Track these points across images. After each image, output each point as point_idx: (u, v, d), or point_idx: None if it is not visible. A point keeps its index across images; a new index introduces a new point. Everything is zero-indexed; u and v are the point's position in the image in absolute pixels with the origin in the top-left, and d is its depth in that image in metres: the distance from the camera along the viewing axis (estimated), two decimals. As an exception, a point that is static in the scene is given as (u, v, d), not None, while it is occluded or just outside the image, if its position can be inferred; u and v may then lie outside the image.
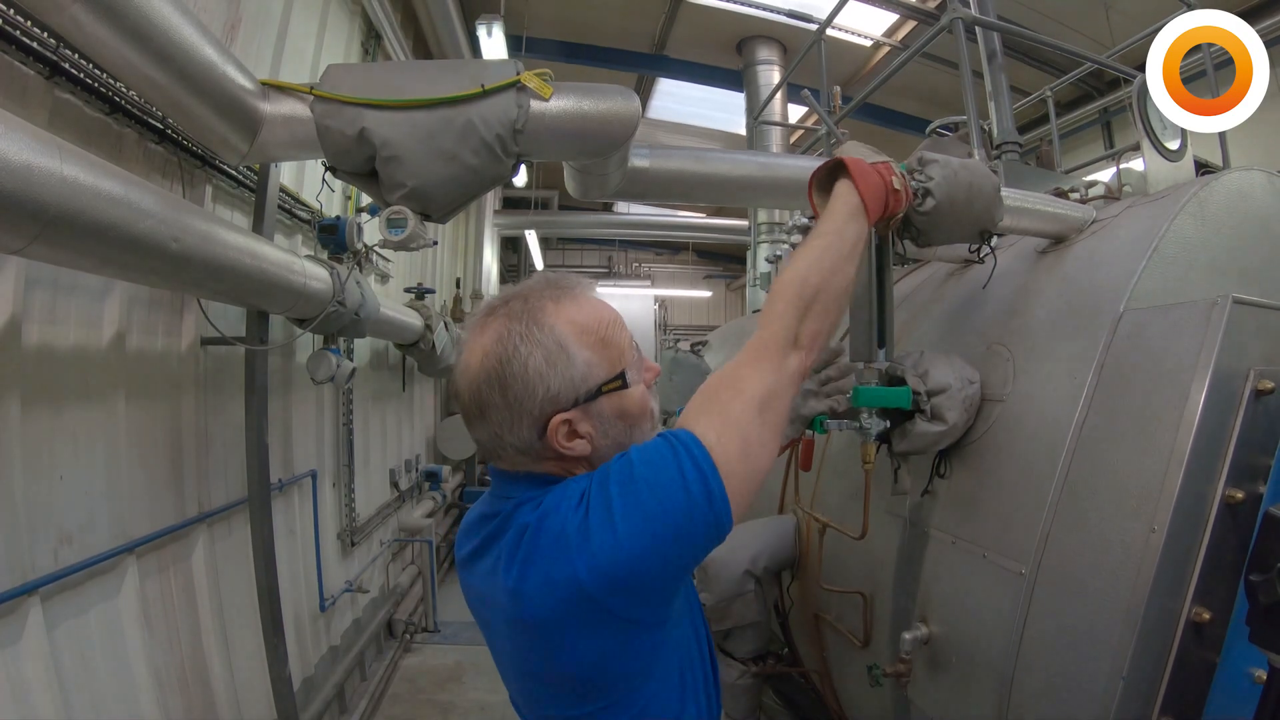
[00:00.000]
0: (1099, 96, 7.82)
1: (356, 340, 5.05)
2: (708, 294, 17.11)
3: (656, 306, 15.88)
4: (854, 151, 1.58)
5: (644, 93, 9.41)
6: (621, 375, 1.14)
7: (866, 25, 7.71)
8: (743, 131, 8.75)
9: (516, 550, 1.04)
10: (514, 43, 6.42)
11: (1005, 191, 1.91)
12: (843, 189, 1.40)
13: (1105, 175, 3.20)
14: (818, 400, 1.78)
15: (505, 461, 1.15)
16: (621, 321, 1.19)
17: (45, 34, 2.16)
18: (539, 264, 13.85)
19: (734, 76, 8.46)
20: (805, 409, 1.76)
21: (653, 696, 1.08)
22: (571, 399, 1.09)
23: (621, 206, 12.27)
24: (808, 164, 4.18)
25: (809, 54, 5.12)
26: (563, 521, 1.00)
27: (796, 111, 8.65)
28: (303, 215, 4.10)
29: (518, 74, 2.60)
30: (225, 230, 2.53)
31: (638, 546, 0.97)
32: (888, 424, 1.94)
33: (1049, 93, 4.94)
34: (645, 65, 8.73)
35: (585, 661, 1.03)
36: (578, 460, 1.13)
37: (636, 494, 0.99)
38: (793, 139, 8.88)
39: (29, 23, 2.11)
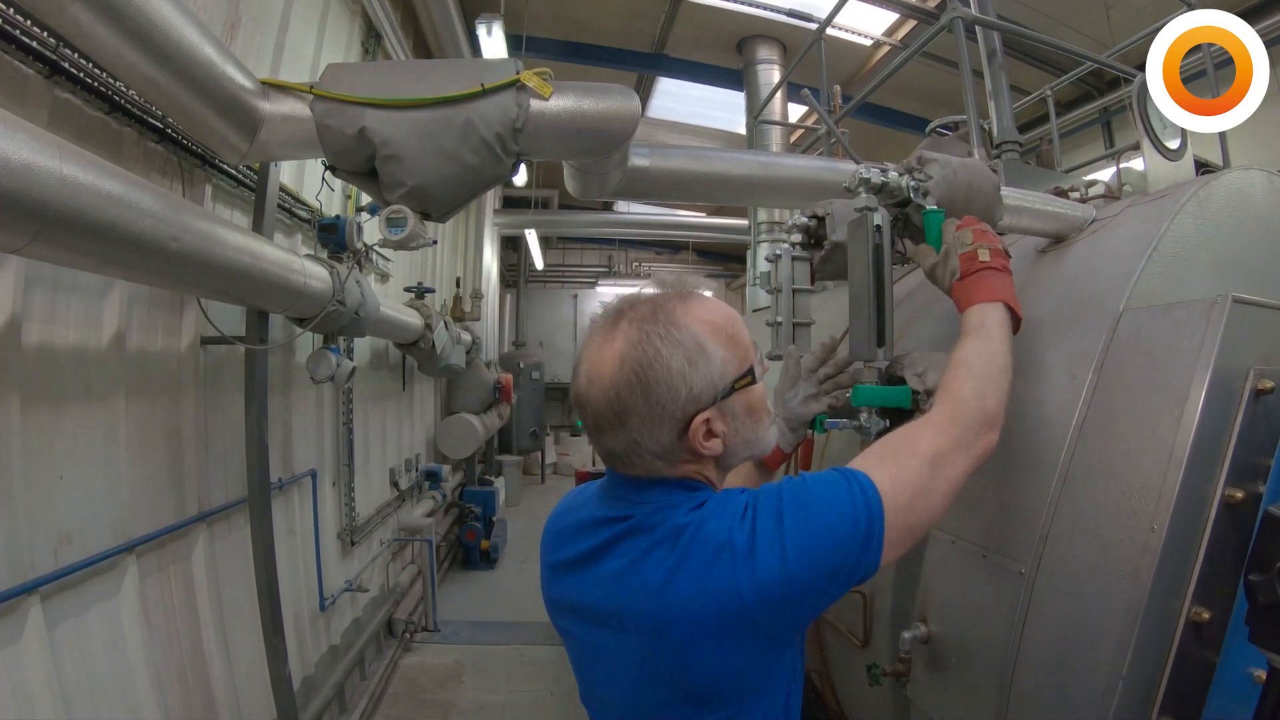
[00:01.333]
0: (1099, 96, 7.81)
1: (356, 339, 5.05)
2: (708, 294, 17.06)
3: (656, 306, 15.91)
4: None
5: (644, 92, 9.40)
6: (750, 370, 1.16)
7: (866, 25, 7.71)
8: (743, 131, 8.74)
9: (671, 551, 1.04)
10: (514, 42, 6.42)
11: (1005, 190, 1.91)
12: (999, 315, 1.49)
13: (1105, 175, 3.20)
14: (817, 401, 1.80)
15: (638, 467, 1.14)
16: (740, 319, 1.21)
17: (45, 33, 2.16)
18: (539, 263, 13.86)
19: (734, 76, 8.46)
20: (806, 410, 1.78)
21: (768, 710, 1.10)
22: (711, 397, 1.10)
23: (621, 206, 12.27)
24: (808, 164, 4.19)
25: (809, 53, 5.12)
26: (727, 532, 1.02)
27: (797, 111, 8.65)
28: (302, 214, 4.10)
29: (517, 73, 2.59)
30: (225, 229, 2.53)
31: (803, 571, 1.00)
32: (887, 423, 1.93)
33: (1049, 92, 4.94)
34: (645, 65, 8.73)
35: (722, 670, 1.04)
36: (709, 460, 1.15)
37: (808, 519, 1.02)
38: (793, 138, 8.88)
39: (29, 22, 2.11)
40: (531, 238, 11.94)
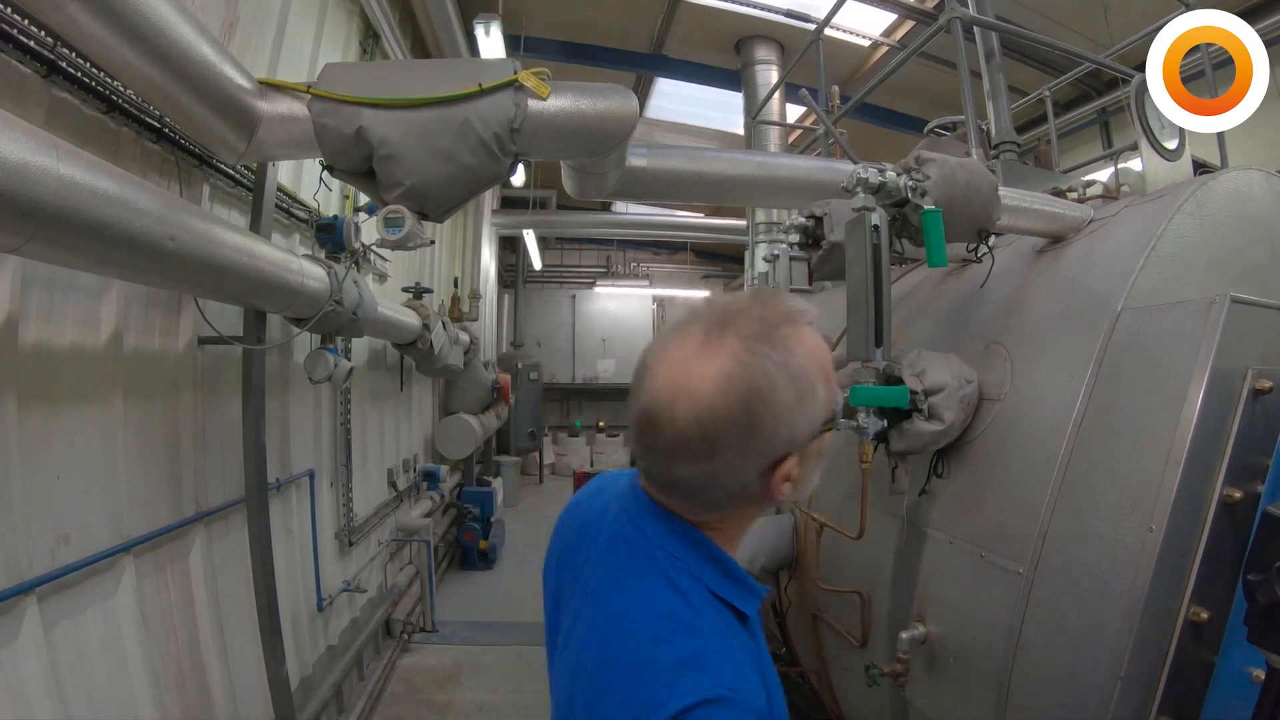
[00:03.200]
0: (1097, 96, 7.82)
1: (354, 340, 5.04)
2: (706, 294, 17.04)
3: (654, 306, 15.93)
4: None
5: (642, 92, 9.40)
6: (835, 413, 1.03)
7: (864, 25, 7.71)
8: (741, 131, 8.74)
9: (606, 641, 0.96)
10: (512, 42, 6.41)
11: (1003, 191, 1.91)
12: None
13: (1103, 175, 3.21)
14: None
15: (691, 508, 1.02)
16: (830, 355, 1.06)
17: (43, 32, 2.15)
18: (537, 263, 13.86)
19: (732, 76, 8.46)
20: None
21: None
22: (805, 441, 0.96)
23: (620, 206, 12.27)
24: (806, 164, 4.19)
25: (807, 54, 5.12)
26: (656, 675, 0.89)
27: (795, 111, 8.65)
28: (300, 214, 4.09)
29: (515, 73, 2.59)
30: (222, 229, 2.53)
31: None
32: (885, 423, 1.94)
33: (1047, 92, 4.95)
34: (643, 65, 8.73)
35: None
36: (761, 507, 1.05)
37: None
38: (791, 139, 8.88)
39: (26, 21, 2.10)
40: (529, 238, 11.93)
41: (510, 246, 13.75)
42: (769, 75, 7.91)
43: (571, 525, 1.21)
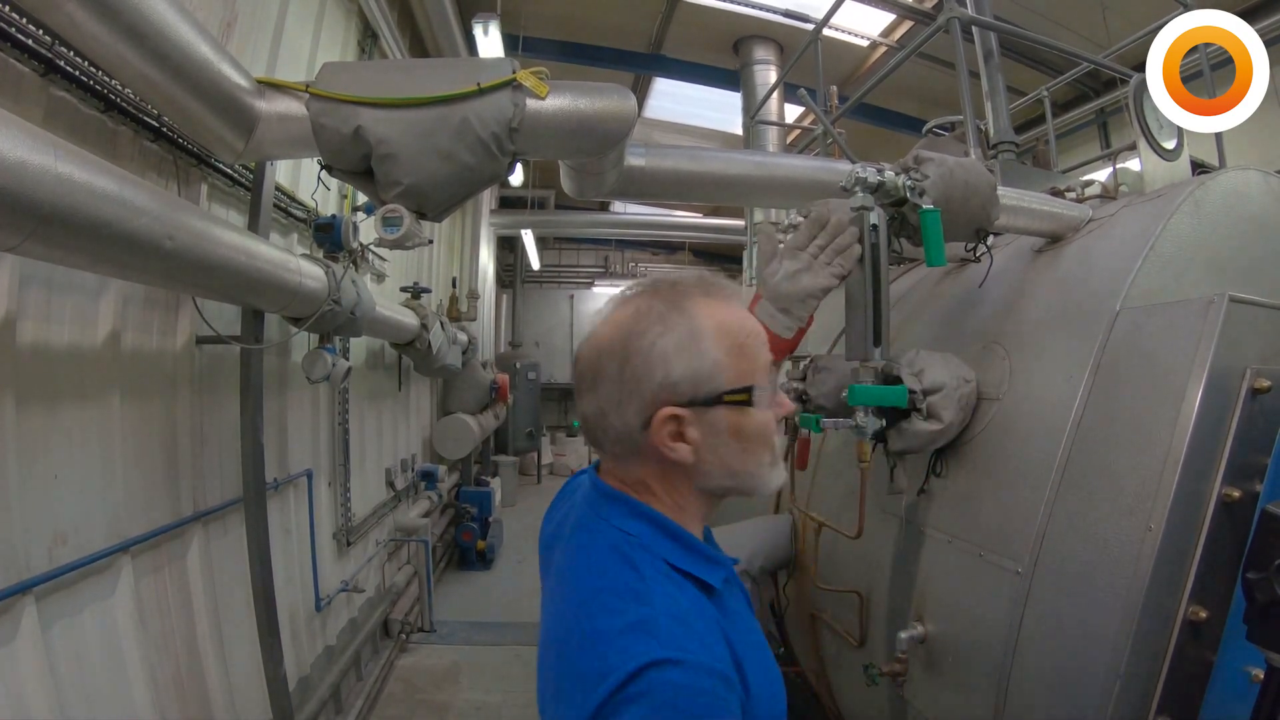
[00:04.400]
0: (1095, 97, 7.83)
1: (352, 339, 5.04)
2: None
3: (653, 306, 15.91)
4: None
5: (640, 92, 9.40)
6: (749, 390, 1.05)
7: (863, 25, 7.72)
8: (739, 131, 8.75)
9: (569, 594, 1.01)
10: (510, 42, 6.41)
11: (1001, 190, 1.91)
12: None
13: (1102, 175, 3.21)
14: (811, 273, 1.64)
15: (604, 450, 1.11)
16: (765, 339, 1.12)
17: (41, 31, 2.15)
18: (535, 263, 13.85)
19: (730, 76, 8.46)
20: (796, 286, 1.62)
21: None
22: (689, 395, 1.01)
23: (618, 206, 12.27)
24: (804, 163, 4.18)
25: (805, 54, 5.12)
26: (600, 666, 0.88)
27: (793, 111, 8.65)
28: (298, 214, 4.09)
29: (513, 72, 2.59)
30: (220, 228, 2.52)
31: None
32: (884, 423, 1.94)
33: (1045, 93, 4.95)
34: (642, 65, 8.73)
35: None
36: (676, 468, 1.06)
37: None
38: (789, 139, 8.89)
39: (24, 20, 2.10)
40: (528, 238, 11.93)
41: (508, 246, 13.75)
42: (767, 75, 7.92)
43: (549, 522, 1.29)
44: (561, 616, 1.00)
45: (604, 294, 15.53)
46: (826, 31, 5.13)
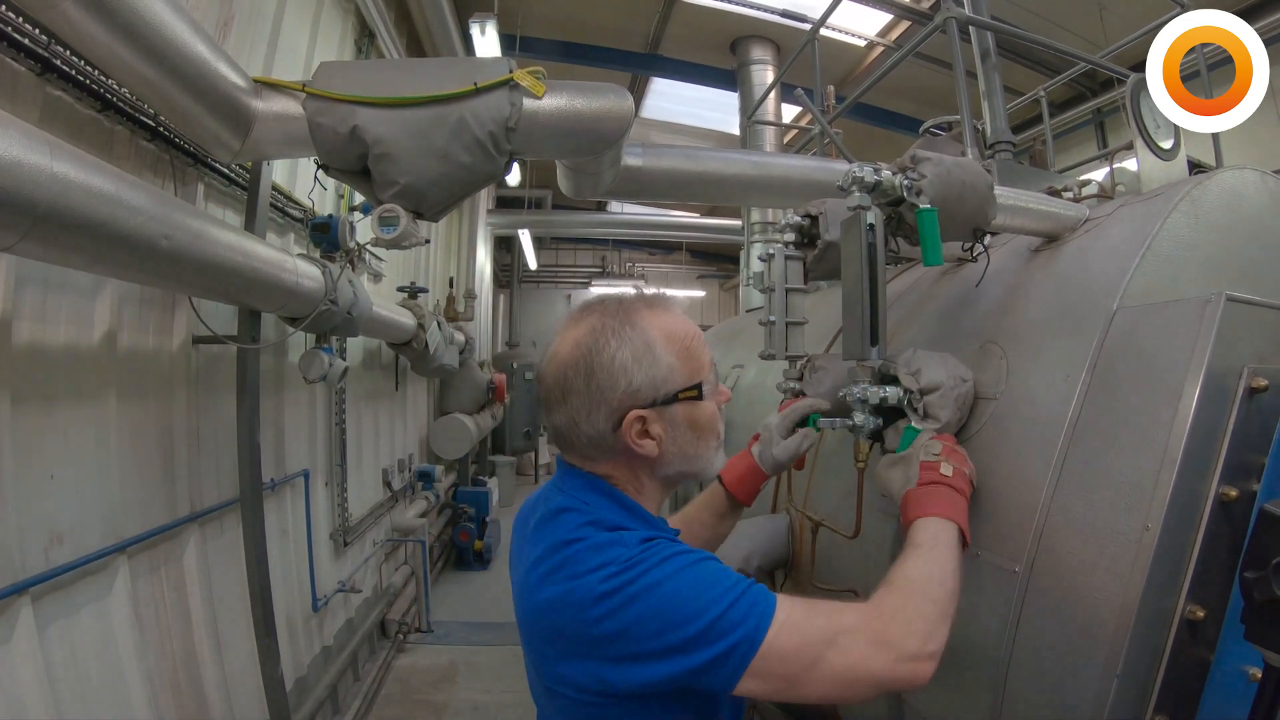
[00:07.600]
0: (1092, 97, 7.84)
1: (349, 339, 5.03)
2: (701, 294, 17.08)
3: (650, 306, 15.91)
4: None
5: (638, 92, 9.40)
6: (699, 386, 1.21)
7: (860, 25, 7.72)
8: (736, 131, 8.75)
9: (543, 561, 1.14)
10: (507, 41, 6.41)
11: (998, 190, 1.91)
12: (952, 536, 1.42)
13: (1099, 174, 3.21)
14: (782, 448, 1.81)
15: (575, 453, 1.23)
16: (704, 341, 1.27)
17: (37, 30, 2.15)
18: (532, 263, 13.85)
19: (728, 76, 8.46)
20: (783, 453, 1.81)
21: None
22: (650, 398, 1.16)
23: (615, 206, 12.26)
24: (801, 163, 4.19)
25: (803, 54, 5.12)
26: (587, 590, 1.05)
27: (790, 111, 8.66)
28: (295, 214, 4.08)
29: (510, 72, 2.59)
30: (217, 228, 2.52)
31: (658, 670, 1.03)
32: (880, 422, 1.93)
33: (1042, 93, 4.95)
34: (639, 64, 8.73)
35: (563, 680, 1.14)
36: (641, 461, 1.21)
37: (676, 587, 1.05)
38: (786, 139, 8.88)
39: (21, 19, 2.09)
40: (525, 238, 11.92)
41: (505, 246, 13.74)
42: (764, 75, 7.92)
43: (520, 518, 1.42)
44: (534, 563, 1.16)
45: (603, 294, 15.55)
46: (824, 31, 5.13)
